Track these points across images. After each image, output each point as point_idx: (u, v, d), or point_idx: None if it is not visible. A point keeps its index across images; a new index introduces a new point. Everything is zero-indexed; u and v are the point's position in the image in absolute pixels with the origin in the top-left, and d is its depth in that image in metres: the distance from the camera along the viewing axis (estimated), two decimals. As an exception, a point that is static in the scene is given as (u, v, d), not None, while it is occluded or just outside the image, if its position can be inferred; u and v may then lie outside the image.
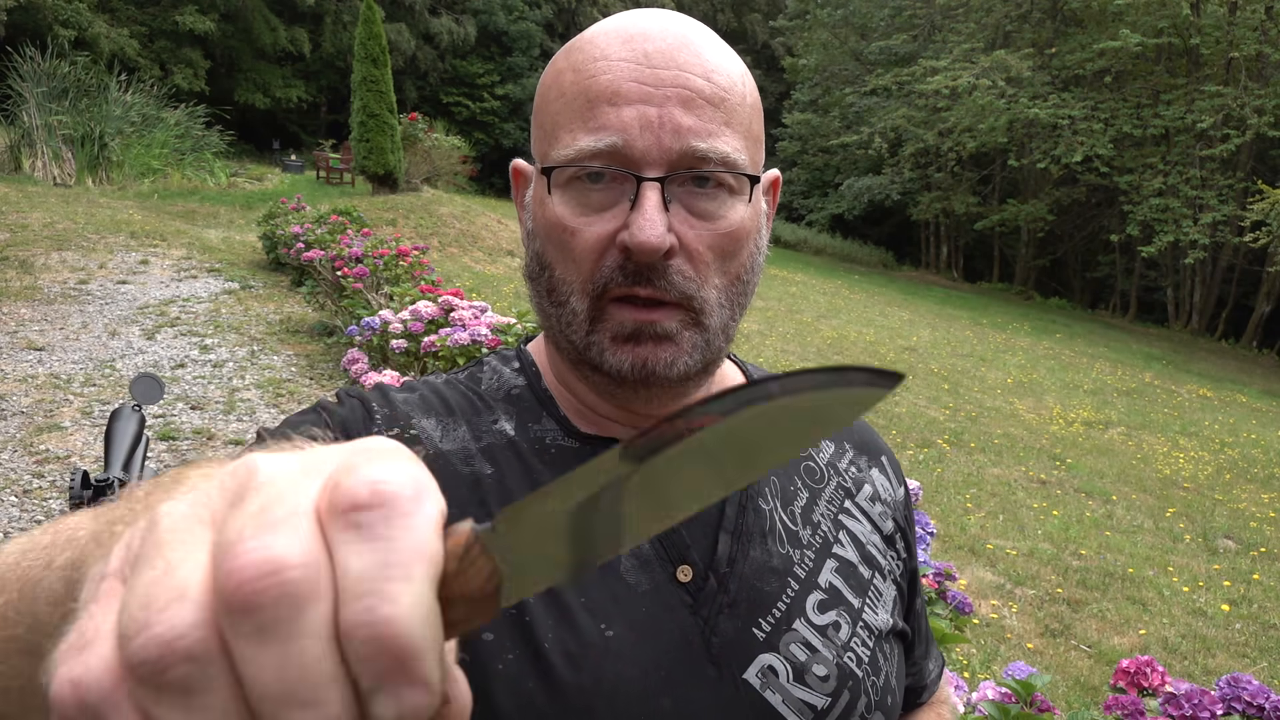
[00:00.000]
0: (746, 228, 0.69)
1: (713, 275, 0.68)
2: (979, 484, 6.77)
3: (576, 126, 0.66)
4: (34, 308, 7.66)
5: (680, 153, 0.65)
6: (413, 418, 0.72)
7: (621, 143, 0.64)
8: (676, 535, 0.70)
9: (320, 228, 8.52)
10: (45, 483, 4.38)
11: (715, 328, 0.69)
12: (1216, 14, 21.41)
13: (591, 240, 0.66)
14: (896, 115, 25.96)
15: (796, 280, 18.52)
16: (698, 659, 0.66)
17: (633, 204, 0.65)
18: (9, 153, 14.96)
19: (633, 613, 0.66)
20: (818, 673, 0.69)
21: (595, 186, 0.66)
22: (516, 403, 0.76)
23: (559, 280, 0.69)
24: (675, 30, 0.68)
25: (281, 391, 6.15)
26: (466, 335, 3.79)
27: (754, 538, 0.72)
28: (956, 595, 2.21)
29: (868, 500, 0.82)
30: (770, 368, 8.25)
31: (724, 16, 35.88)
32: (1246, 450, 9.43)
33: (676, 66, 0.66)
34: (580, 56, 0.68)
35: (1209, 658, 4.34)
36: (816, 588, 0.73)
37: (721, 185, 0.67)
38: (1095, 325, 21.34)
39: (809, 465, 0.80)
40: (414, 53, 29.10)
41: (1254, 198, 18.71)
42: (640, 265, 0.65)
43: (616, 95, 0.65)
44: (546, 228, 0.69)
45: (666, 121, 0.64)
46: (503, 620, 0.64)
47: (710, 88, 0.66)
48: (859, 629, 0.73)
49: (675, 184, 0.66)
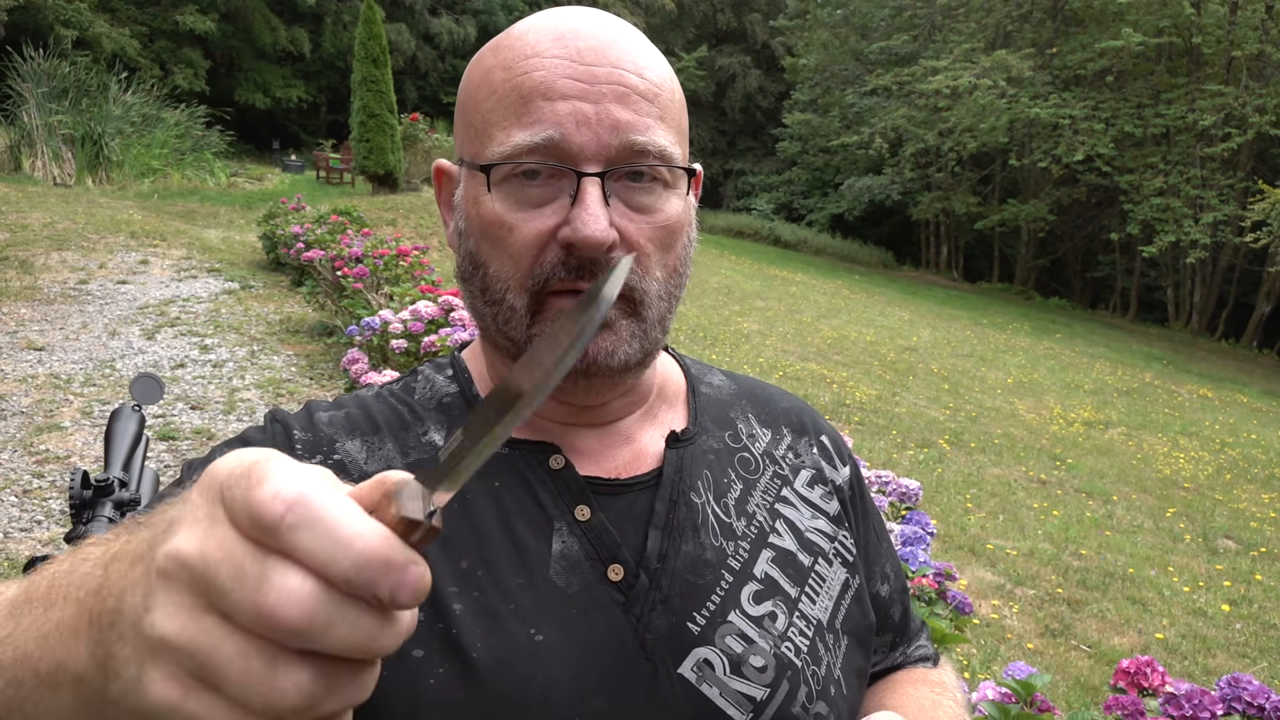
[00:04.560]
0: (681, 220, 0.70)
1: (654, 267, 0.69)
2: (979, 484, 6.77)
3: (510, 123, 0.66)
4: (34, 308, 7.66)
5: (619, 147, 0.65)
6: (336, 441, 0.72)
7: (559, 136, 0.64)
8: (606, 535, 0.70)
9: (320, 228, 8.52)
10: (45, 483, 4.38)
11: (653, 319, 0.69)
12: (1218, 13, 21.38)
13: (530, 236, 0.66)
14: (897, 115, 25.94)
15: (796, 280, 18.51)
16: (631, 657, 0.66)
17: (573, 199, 0.65)
18: (9, 153, 14.96)
19: (563, 615, 0.66)
20: (755, 664, 0.68)
21: (532, 183, 0.66)
22: (447, 411, 0.76)
23: (493, 278, 0.69)
24: (605, 28, 0.68)
25: (281, 391, 6.15)
26: (467, 335, 3.79)
27: (685, 532, 0.72)
28: (956, 595, 2.21)
29: (806, 485, 0.82)
30: (770, 368, 8.17)
31: (724, 16, 35.84)
32: (1247, 450, 9.43)
33: (610, 63, 0.66)
34: (510, 54, 0.68)
35: (1209, 658, 4.34)
36: (752, 579, 0.72)
37: (657, 179, 0.67)
38: (1095, 325, 21.33)
39: (743, 456, 0.80)
40: (414, 53, 29.09)
41: (1255, 198, 18.69)
42: (583, 260, 0.65)
43: (551, 90, 0.65)
44: (481, 225, 0.68)
45: (604, 117, 0.65)
46: (431, 636, 0.64)
47: (644, 83, 0.67)
48: (795, 619, 0.72)
49: (614, 179, 0.66)
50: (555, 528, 0.69)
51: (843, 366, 10.42)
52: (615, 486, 0.73)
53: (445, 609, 0.65)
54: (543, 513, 0.70)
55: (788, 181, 32.30)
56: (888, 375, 10.39)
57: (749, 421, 0.84)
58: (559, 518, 0.70)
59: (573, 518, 0.70)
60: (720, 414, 0.83)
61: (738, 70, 34.54)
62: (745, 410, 0.85)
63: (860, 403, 8.71)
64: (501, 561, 0.67)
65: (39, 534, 3.89)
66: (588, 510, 0.70)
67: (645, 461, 0.75)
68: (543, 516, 0.70)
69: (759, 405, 0.86)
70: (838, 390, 9.06)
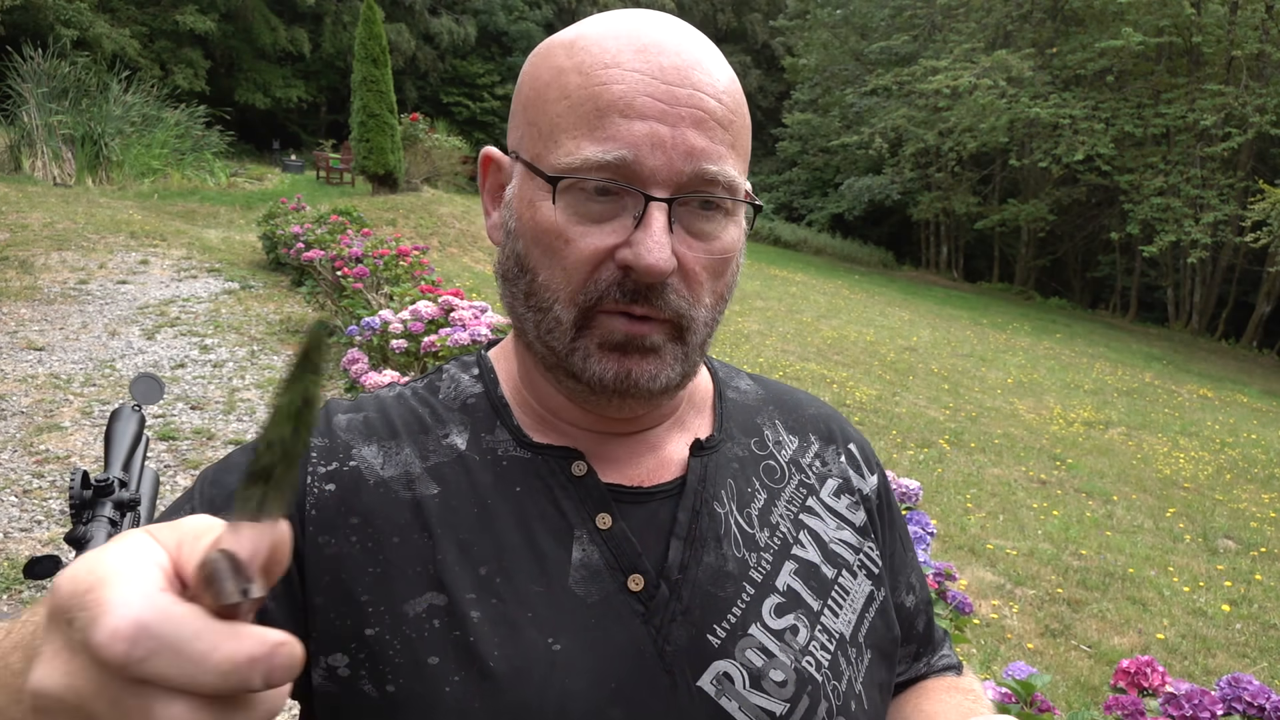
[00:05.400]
0: (736, 248, 0.69)
1: (704, 295, 0.67)
2: (979, 484, 6.77)
3: (582, 134, 0.63)
4: (34, 308, 7.66)
5: (691, 175, 0.64)
6: (353, 447, 0.71)
7: (632, 158, 0.62)
8: (627, 544, 0.69)
9: (320, 228, 8.53)
10: (45, 483, 4.38)
11: (695, 344, 0.68)
12: (1218, 13, 21.39)
13: (588, 252, 0.64)
14: (897, 115, 25.94)
15: (796, 280, 18.51)
16: (650, 668, 0.65)
17: (638, 222, 0.63)
18: (9, 153, 14.97)
19: (581, 625, 0.65)
20: (775, 678, 0.68)
21: (598, 198, 0.64)
22: (471, 412, 0.74)
23: (542, 286, 0.67)
24: (690, 45, 0.66)
25: (281, 391, 6.15)
26: (467, 335, 3.79)
27: (707, 543, 0.71)
28: (956, 595, 2.21)
29: (832, 495, 0.80)
30: (770, 368, 8.16)
31: (724, 16, 35.85)
32: (1247, 450, 9.43)
33: (691, 85, 0.64)
34: (587, 59, 0.65)
35: (1209, 658, 4.34)
36: (774, 591, 0.71)
37: (719, 207, 0.66)
38: (1095, 325, 21.34)
39: (769, 464, 0.79)
40: (414, 53, 29.09)
41: (1255, 197, 18.70)
42: (640, 285, 0.64)
43: (630, 108, 0.63)
44: (535, 231, 0.66)
45: (680, 142, 0.63)
46: (447, 644, 0.63)
47: (722, 110, 0.65)
48: (818, 632, 0.71)
49: (680, 205, 0.64)
50: (576, 536, 0.68)
51: (843, 366, 10.42)
52: (638, 495, 0.72)
53: (463, 616, 0.64)
54: (563, 520, 0.69)
55: (788, 181, 32.30)
56: (888, 375, 10.39)
57: (776, 428, 0.83)
58: (580, 525, 0.69)
59: (594, 526, 0.69)
60: (746, 420, 0.82)
61: (738, 70, 34.19)
62: (772, 416, 0.84)
63: (860, 403, 8.71)
64: (521, 569, 0.67)
65: (39, 534, 3.89)
66: (609, 518, 0.69)
67: (669, 469, 0.74)
68: (563, 524, 0.69)
69: (786, 411, 0.85)
70: (838, 390, 9.06)
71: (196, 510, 0.67)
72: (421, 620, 0.64)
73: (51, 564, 1.15)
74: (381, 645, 0.64)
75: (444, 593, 0.65)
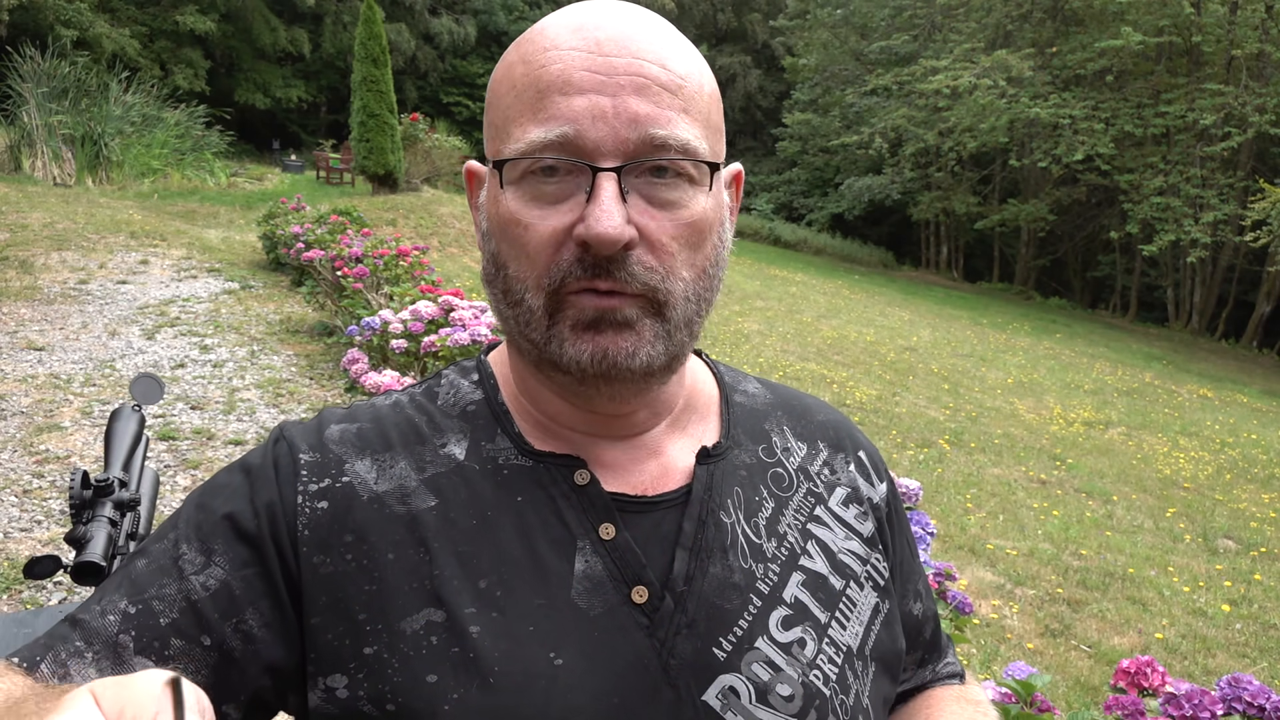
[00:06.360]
0: (709, 218, 0.66)
1: (679, 267, 0.65)
2: (979, 484, 6.77)
3: (527, 119, 0.63)
4: (34, 308, 7.66)
5: (638, 142, 0.62)
6: (345, 461, 0.69)
7: (573, 132, 0.62)
8: (631, 555, 0.67)
9: (320, 228, 8.52)
10: (45, 483, 4.38)
11: (678, 320, 0.66)
12: (1218, 13, 21.38)
13: (546, 234, 0.63)
14: (897, 115, 25.94)
15: (796, 280, 18.52)
16: (654, 682, 0.64)
17: (589, 196, 0.62)
18: (9, 153, 14.97)
19: (584, 638, 0.64)
20: (781, 693, 0.66)
21: (549, 180, 0.63)
22: (471, 420, 0.73)
23: (513, 278, 0.66)
24: (628, 18, 0.65)
25: (281, 391, 6.15)
26: (467, 335, 3.79)
27: (714, 553, 0.69)
28: (956, 595, 2.21)
29: (841, 504, 0.78)
30: (770, 368, 8.16)
31: (724, 16, 35.84)
32: (1247, 450, 9.43)
33: (630, 54, 0.63)
34: (530, 48, 0.65)
35: (1209, 658, 4.34)
36: (781, 603, 0.70)
37: (681, 175, 0.64)
38: (1095, 325, 21.34)
39: (777, 472, 0.77)
40: (414, 53, 29.09)
41: (1255, 197, 18.70)
42: (599, 258, 0.62)
43: (568, 84, 0.62)
44: (500, 225, 0.66)
45: (622, 110, 0.62)
46: (445, 660, 0.62)
47: (666, 74, 0.64)
48: (825, 645, 0.70)
49: (633, 174, 0.63)
50: (578, 546, 0.67)
51: (843, 366, 10.42)
52: (642, 504, 0.70)
53: (462, 631, 0.63)
54: (566, 531, 0.67)
55: (788, 181, 32.31)
56: (888, 375, 10.39)
57: (784, 434, 0.81)
58: (583, 536, 0.67)
59: (597, 536, 0.67)
60: (754, 426, 0.80)
61: (738, 70, 34.53)
62: (781, 422, 0.82)
63: (860, 403, 8.72)
64: (522, 582, 0.65)
65: (39, 534, 3.89)
66: (613, 529, 0.68)
67: (674, 477, 0.73)
68: (566, 535, 0.67)
69: (795, 417, 0.83)
70: (838, 390, 9.06)
71: (181, 538, 0.67)
72: (419, 637, 0.63)
73: (51, 564, 1.15)
74: (380, 664, 0.63)
75: (442, 608, 0.64)
